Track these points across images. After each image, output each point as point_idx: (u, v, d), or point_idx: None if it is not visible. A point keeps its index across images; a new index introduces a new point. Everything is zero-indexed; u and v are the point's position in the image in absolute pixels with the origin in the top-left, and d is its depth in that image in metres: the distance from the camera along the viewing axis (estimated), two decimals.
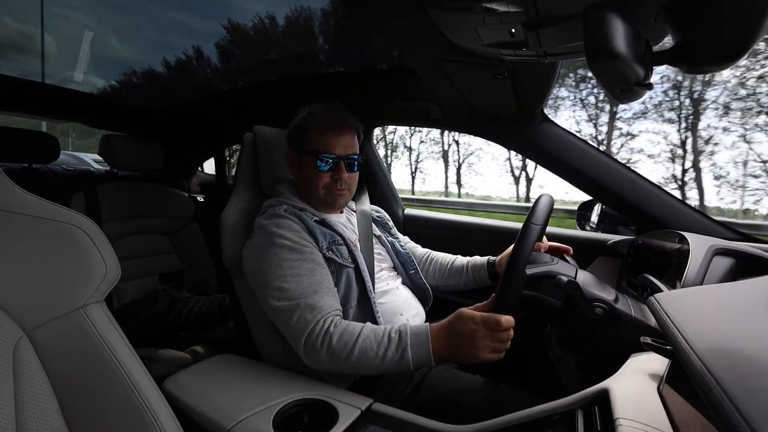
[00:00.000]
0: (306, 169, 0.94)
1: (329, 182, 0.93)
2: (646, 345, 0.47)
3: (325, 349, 0.74)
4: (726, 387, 0.29)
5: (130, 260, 1.66)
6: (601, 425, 0.47)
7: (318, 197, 0.95)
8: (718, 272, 0.77)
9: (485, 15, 0.62)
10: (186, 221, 1.86)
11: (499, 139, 1.27)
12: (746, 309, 0.42)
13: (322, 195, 0.94)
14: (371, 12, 0.77)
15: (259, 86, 1.59)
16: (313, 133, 0.93)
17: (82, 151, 6.14)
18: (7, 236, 0.50)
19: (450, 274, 1.13)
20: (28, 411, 0.48)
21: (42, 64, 2.12)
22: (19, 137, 1.47)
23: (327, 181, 0.93)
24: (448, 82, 1.01)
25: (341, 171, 0.93)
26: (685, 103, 12.88)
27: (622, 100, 0.48)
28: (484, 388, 0.86)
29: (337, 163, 0.93)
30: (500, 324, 0.68)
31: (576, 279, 0.75)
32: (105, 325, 0.55)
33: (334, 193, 0.94)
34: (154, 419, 0.54)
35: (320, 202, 0.96)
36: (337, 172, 0.93)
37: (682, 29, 0.40)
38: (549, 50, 0.69)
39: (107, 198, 1.60)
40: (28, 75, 1.53)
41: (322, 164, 0.92)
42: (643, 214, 1.10)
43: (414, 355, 0.71)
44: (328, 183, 0.93)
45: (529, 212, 0.79)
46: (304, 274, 0.80)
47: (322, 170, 0.92)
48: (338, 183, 0.93)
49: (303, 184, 0.96)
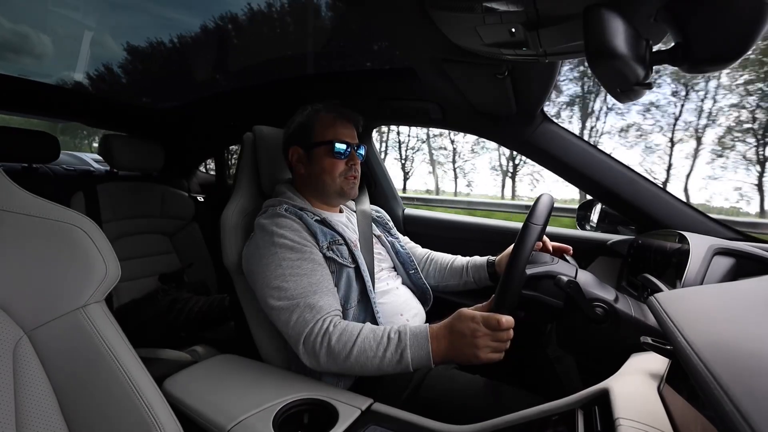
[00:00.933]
0: (319, 161, 0.96)
1: (345, 169, 0.96)
2: (646, 345, 0.47)
3: (324, 349, 0.74)
4: (726, 387, 0.29)
5: (130, 260, 1.66)
6: (601, 425, 0.47)
7: (334, 187, 0.96)
8: (718, 272, 0.77)
9: (485, 15, 0.62)
10: (186, 221, 1.86)
11: (500, 139, 1.27)
12: (746, 309, 0.42)
13: (339, 183, 0.96)
14: (371, 12, 0.77)
15: (259, 86, 1.59)
16: (321, 125, 0.96)
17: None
18: (7, 236, 0.50)
19: (450, 274, 1.13)
20: (27, 411, 0.48)
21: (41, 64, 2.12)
22: (19, 137, 1.46)
23: (343, 168, 0.96)
24: (448, 82, 1.01)
25: (354, 157, 0.97)
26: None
27: (622, 100, 0.48)
28: (484, 388, 0.86)
29: (349, 151, 0.96)
30: (501, 324, 0.68)
31: (576, 279, 0.75)
32: (105, 325, 0.55)
33: (349, 181, 0.97)
34: (154, 419, 0.54)
35: (336, 192, 0.97)
36: (352, 159, 0.96)
37: (682, 29, 0.40)
38: (549, 50, 0.69)
39: (107, 198, 1.60)
40: (27, 75, 1.53)
41: (339, 151, 0.94)
42: (643, 214, 1.10)
43: (413, 355, 0.71)
44: (344, 170, 0.96)
45: (529, 212, 0.79)
46: (303, 273, 0.80)
47: (338, 157, 0.95)
48: (353, 170, 0.97)
49: (314, 178, 0.97)
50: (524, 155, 1.24)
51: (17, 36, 2.49)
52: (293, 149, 0.99)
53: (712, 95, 14.44)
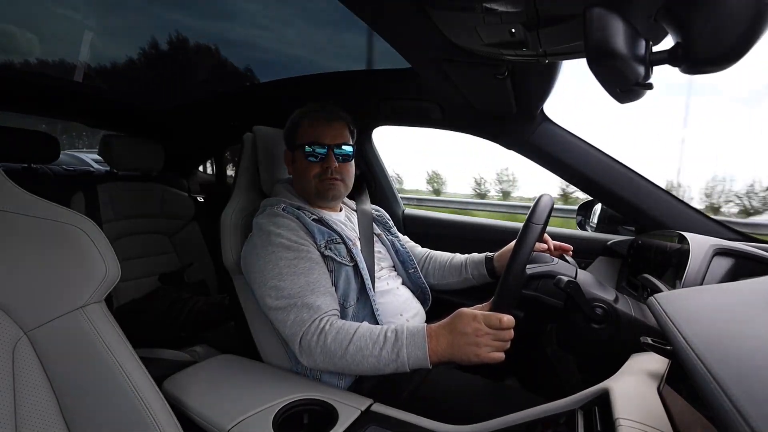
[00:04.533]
0: (298, 163, 0.96)
1: (319, 171, 0.94)
2: (646, 345, 0.47)
3: (320, 348, 0.74)
4: (726, 387, 0.29)
5: (130, 260, 1.66)
6: (602, 425, 0.47)
7: (310, 189, 0.96)
8: (718, 272, 0.77)
9: (485, 15, 0.62)
10: (186, 221, 1.86)
11: (499, 139, 1.27)
12: (746, 309, 0.42)
13: (314, 185, 0.95)
14: (371, 12, 0.77)
15: (259, 86, 1.59)
16: (303, 127, 0.96)
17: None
18: (7, 236, 0.50)
19: (449, 272, 1.13)
20: (27, 411, 0.48)
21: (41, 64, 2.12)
22: (19, 137, 1.46)
23: (317, 170, 0.94)
24: (448, 82, 1.01)
25: (330, 160, 0.94)
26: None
27: (622, 100, 0.48)
28: (484, 388, 0.86)
29: (326, 152, 0.94)
30: (502, 322, 0.68)
31: (576, 279, 0.75)
32: (105, 326, 0.55)
33: (325, 183, 0.94)
34: (154, 419, 0.54)
35: (313, 194, 0.96)
36: (327, 161, 0.94)
37: (682, 29, 0.40)
38: (549, 50, 0.69)
39: (107, 198, 1.60)
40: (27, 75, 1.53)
41: (310, 153, 0.93)
42: (643, 214, 1.10)
43: (410, 355, 0.70)
44: (318, 173, 0.94)
45: (529, 212, 0.79)
46: (300, 272, 0.80)
47: (310, 160, 0.94)
48: (328, 172, 0.94)
49: (298, 180, 0.98)
50: (524, 155, 1.24)
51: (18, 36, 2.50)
52: (285, 150, 1.01)
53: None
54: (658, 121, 56.19)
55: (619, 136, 47.99)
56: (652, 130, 56.20)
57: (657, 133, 54.78)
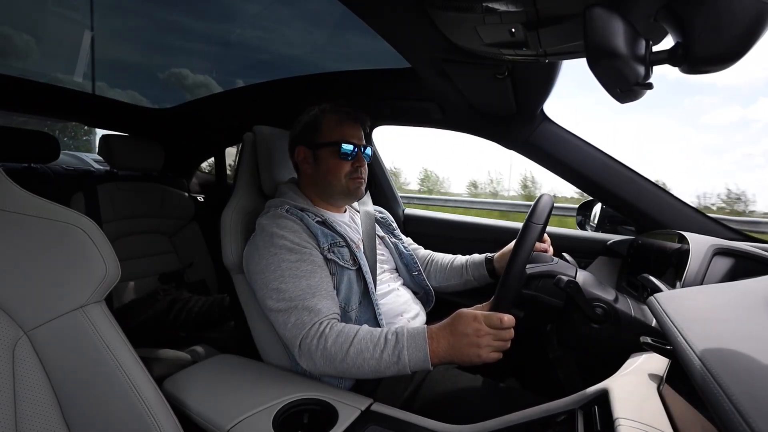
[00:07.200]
0: (325, 161, 0.95)
1: (350, 170, 0.95)
2: (646, 345, 0.47)
3: (320, 352, 0.73)
4: (726, 387, 0.29)
5: (130, 260, 1.66)
6: (601, 425, 0.47)
7: (340, 187, 0.96)
8: (718, 272, 0.77)
9: (485, 15, 0.62)
10: (186, 221, 1.86)
11: (499, 139, 1.27)
12: (746, 309, 0.42)
13: (344, 184, 0.95)
14: (371, 12, 0.77)
15: (259, 86, 1.59)
16: (328, 125, 0.96)
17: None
18: (6, 236, 0.50)
19: (450, 274, 1.13)
20: (27, 411, 0.48)
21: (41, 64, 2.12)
22: (19, 137, 1.46)
23: (349, 169, 0.95)
24: (448, 82, 1.01)
25: (361, 159, 0.96)
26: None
27: (622, 100, 0.48)
28: (484, 388, 0.86)
29: (356, 152, 0.95)
30: (503, 322, 0.68)
31: (576, 279, 0.75)
32: (105, 325, 0.55)
33: (355, 182, 0.96)
34: (154, 419, 0.54)
35: (341, 193, 0.97)
36: (358, 160, 0.96)
37: (682, 29, 0.40)
38: (549, 50, 0.69)
39: (107, 198, 1.60)
40: (27, 75, 1.53)
41: (345, 152, 0.94)
42: (643, 214, 1.10)
43: (410, 356, 0.70)
44: (349, 171, 0.95)
45: (529, 212, 0.79)
46: (302, 275, 0.80)
47: (344, 159, 0.94)
48: (359, 171, 0.96)
49: (320, 178, 0.97)
50: (524, 155, 1.24)
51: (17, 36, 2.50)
52: (299, 149, 0.99)
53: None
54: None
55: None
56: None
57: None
